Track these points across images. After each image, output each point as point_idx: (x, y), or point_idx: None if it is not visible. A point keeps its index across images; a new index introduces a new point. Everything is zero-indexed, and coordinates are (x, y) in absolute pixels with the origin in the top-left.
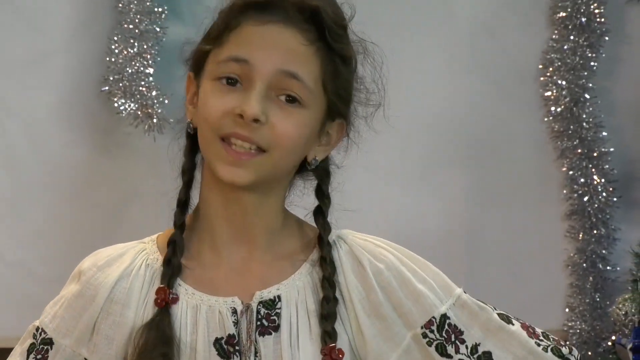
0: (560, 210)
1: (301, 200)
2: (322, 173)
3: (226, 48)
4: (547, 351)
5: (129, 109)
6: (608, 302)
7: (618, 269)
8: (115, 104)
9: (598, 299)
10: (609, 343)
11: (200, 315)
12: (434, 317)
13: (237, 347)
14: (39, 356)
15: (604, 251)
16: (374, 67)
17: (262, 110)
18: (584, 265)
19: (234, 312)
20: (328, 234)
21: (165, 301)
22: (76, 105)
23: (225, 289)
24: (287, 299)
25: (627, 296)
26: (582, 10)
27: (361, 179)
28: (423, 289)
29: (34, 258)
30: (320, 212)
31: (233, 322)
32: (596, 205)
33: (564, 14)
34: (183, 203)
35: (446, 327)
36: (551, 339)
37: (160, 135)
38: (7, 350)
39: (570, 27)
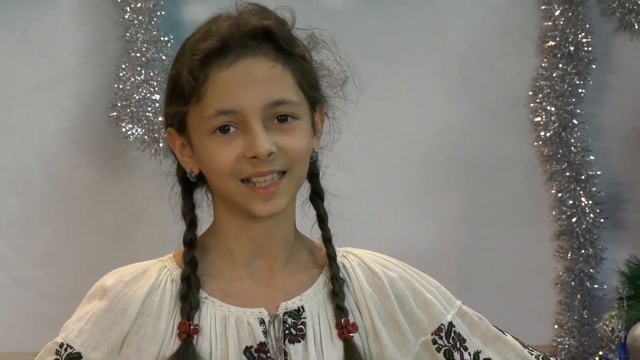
0: (549, 230)
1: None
2: (311, 174)
3: (207, 103)
4: (538, 359)
5: (136, 134)
6: (595, 319)
7: (605, 287)
8: (123, 129)
9: (586, 316)
10: (597, 358)
11: (229, 325)
12: (442, 325)
13: (268, 355)
14: None
15: (591, 270)
16: (328, 49)
17: (270, 143)
18: (573, 283)
19: (262, 322)
20: (327, 221)
21: (187, 333)
22: (85, 130)
23: (251, 301)
24: (309, 309)
25: (613, 313)
26: (570, 40)
27: (359, 202)
28: (432, 298)
29: (44, 277)
30: (319, 197)
31: (262, 331)
32: (584, 226)
33: (553, 43)
34: (189, 242)
35: (452, 334)
36: (539, 352)
37: (166, 159)
38: None
39: (559, 55)
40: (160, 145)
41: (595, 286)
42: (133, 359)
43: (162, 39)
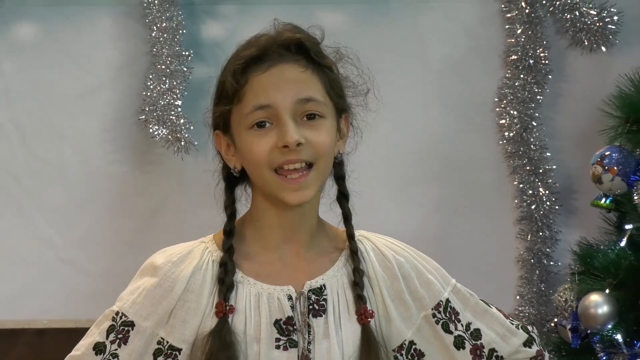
0: (512, 216)
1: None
2: (339, 163)
3: (246, 102)
4: (518, 328)
5: (161, 134)
6: (551, 291)
7: (559, 264)
8: (150, 130)
9: (543, 289)
10: (552, 324)
11: (262, 300)
12: (441, 301)
13: (294, 327)
14: (120, 335)
15: (548, 250)
16: (353, 64)
17: (299, 135)
18: (532, 261)
19: (290, 298)
20: (351, 215)
21: (223, 312)
22: (118, 131)
23: (280, 280)
24: (330, 287)
25: (566, 286)
26: (530, 54)
27: (353, 194)
28: (432, 278)
29: (83, 256)
30: (343, 196)
31: (290, 306)
32: (541, 212)
33: (516, 57)
34: (229, 232)
35: (448, 309)
36: (517, 322)
37: (187, 156)
38: (61, 330)
39: (520, 67)
40: (182, 143)
41: (551, 263)
42: (178, 329)
43: (183, 53)
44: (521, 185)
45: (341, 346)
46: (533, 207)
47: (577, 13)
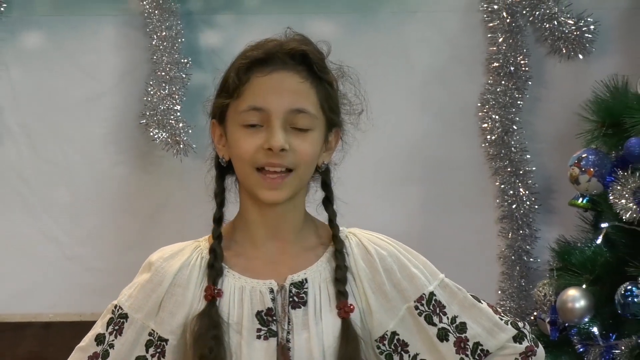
0: (494, 215)
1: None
2: (325, 171)
3: (244, 99)
4: (507, 324)
5: (161, 137)
6: (531, 286)
7: (539, 260)
8: (151, 133)
9: (523, 284)
10: (532, 318)
11: (245, 293)
12: (424, 294)
13: (274, 318)
14: (117, 327)
15: (528, 247)
16: (352, 84)
17: (285, 140)
18: (512, 257)
19: (271, 291)
20: (336, 217)
21: (212, 295)
22: (120, 134)
23: (264, 274)
24: (312, 281)
25: (545, 282)
26: (511, 61)
27: (342, 193)
28: (416, 272)
29: (88, 253)
30: (328, 201)
31: (271, 298)
32: (522, 212)
33: (497, 64)
34: (218, 219)
35: (433, 302)
36: (509, 316)
37: (185, 158)
38: (66, 323)
39: (502, 74)
40: (181, 146)
41: (531, 260)
42: (167, 320)
43: (182, 60)
44: (502, 186)
45: (321, 337)
46: (514, 206)
47: (556, 23)
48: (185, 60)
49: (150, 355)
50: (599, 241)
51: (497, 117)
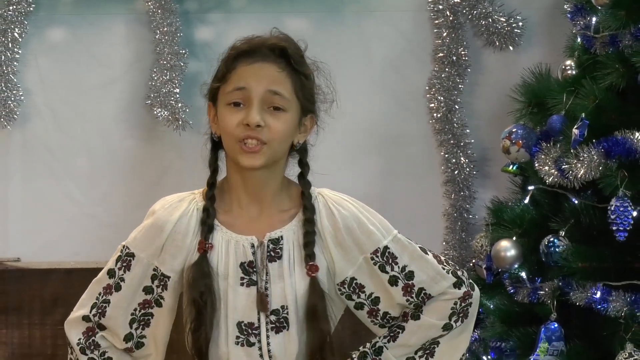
0: (439, 179)
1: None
2: (302, 150)
3: (230, 83)
4: (448, 273)
5: (163, 115)
6: (470, 239)
7: (477, 217)
8: (155, 112)
9: (464, 237)
10: (471, 265)
11: (231, 246)
12: (379, 247)
13: (254, 269)
14: (124, 264)
15: (467, 206)
16: (325, 77)
17: (260, 118)
18: (455, 215)
19: (252, 246)
20: (309, 189)
21: (203, 249)
22: (130, 113)
23: (246, 230)
24: (287, 238)
25: (482, 235)
26: (453, 52)
27: (316, 164)
28: (373, 228)
29: (103, 212)
30: (302, 176)
31: (252, 252)
32: (462, 177)
33: (442, 55)
34: (211, 184)
35: (386, 254)
36: (451, 264)
37: (183, 132)
38: (85, 270)
39: (445, 62)
40: (180, 123)
41: (470, 216)
42: (168, 261)
43: (180, 52)
44: (446, 155)
45: (294, 287)
46: (456, 172)
47: (490, 20)
48: (183, 52)
49: (155, 286)
50: (526, 201)
51: (442, 98)
